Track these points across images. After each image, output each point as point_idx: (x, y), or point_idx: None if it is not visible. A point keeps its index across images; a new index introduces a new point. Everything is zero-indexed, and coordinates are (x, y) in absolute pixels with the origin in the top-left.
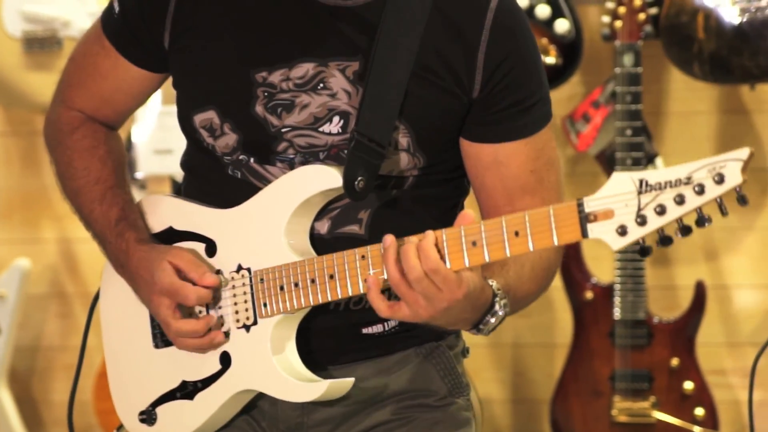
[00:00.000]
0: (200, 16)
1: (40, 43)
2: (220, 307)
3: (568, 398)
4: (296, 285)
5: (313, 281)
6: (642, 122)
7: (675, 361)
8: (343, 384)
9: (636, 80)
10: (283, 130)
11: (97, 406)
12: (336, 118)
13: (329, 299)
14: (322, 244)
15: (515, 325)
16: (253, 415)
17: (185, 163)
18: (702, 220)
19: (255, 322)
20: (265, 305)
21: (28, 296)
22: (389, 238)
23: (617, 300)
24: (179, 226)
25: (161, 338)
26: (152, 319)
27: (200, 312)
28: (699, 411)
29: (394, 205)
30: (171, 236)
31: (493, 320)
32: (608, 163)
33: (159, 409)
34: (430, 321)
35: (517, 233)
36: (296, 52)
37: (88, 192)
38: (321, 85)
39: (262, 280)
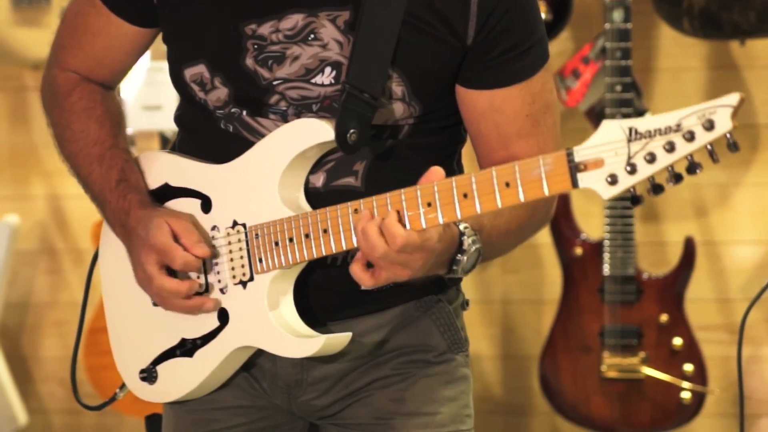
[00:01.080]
0: None
1: None
2: (216, 264)
3: (557, 354)
4: (291, 240)
5: (307, 236)
6: (631, 78)
7: (664, 317)
8: (341, 339)
9: (626, 36)
10: (275, 82)
11: (87, 362)
12: (328, 69)
13: (323, 254)
14: (317, 197)
15: (505, 281)
16: (252, 373)
17: (178, 118)
18: (693, 167)
19: (251, 278)
20: (260, 261)
21: (18, 253)
22: (359, 224)
23: (606, 256)
24: (175, 183)
25: None
26: None
27: (198, 277)
28: (688, 367)
29: (390, 155)
30: (167, 192)
31: (464, 258)
32: (597, 119)
33: (159, 367)
34: (410, 279)
35: (507, 184)
36: (285, 3)
37: (86, 154)
38: (311, 35)
39: (257, 235)
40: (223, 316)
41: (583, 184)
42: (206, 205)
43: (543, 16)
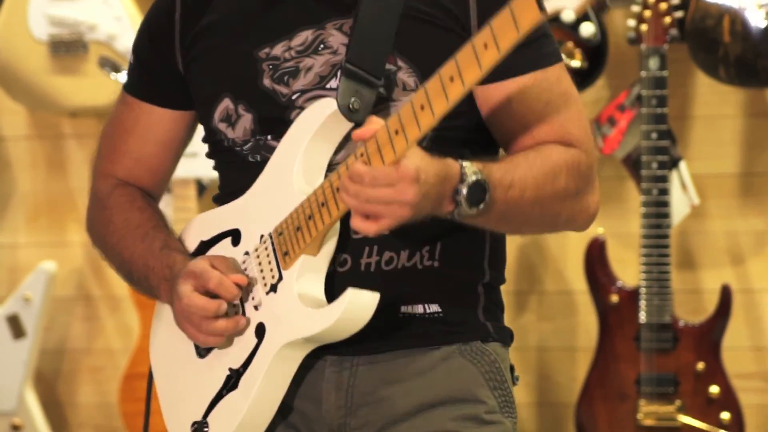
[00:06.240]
0: (201, 24)
1: (66, 47)
2: (250, 287)
3: (593, 402)
4: (310, 217)
5: (323, 204)
6: (667, 126)
7: (701, 365)
8: (367, 296)
9: (662, 84)
10: (294, 96)
11: (123, 408)
12: (340, 72)
13: (339, 210)
14: None
15: (540, 329)
16: (294, 423)
17: (218, 198)
18: None
19: (280, 278)
20: (286, 254)
21: (54, 299)
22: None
23: (643, 303)
24: (206, 237)
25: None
26: None
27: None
28: (725, 415)
29: None
30: (203, 249)
31: (464, 188)
32: (634, 166)
33: (210, 417)
34: (415, 215)
35: (486, 45)
36: (295, 23)
37: (129, 237)
38: (321, 46)
39: (281, 233)
40: (260, 331)
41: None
42: (236, 238)
43: (579, 64)
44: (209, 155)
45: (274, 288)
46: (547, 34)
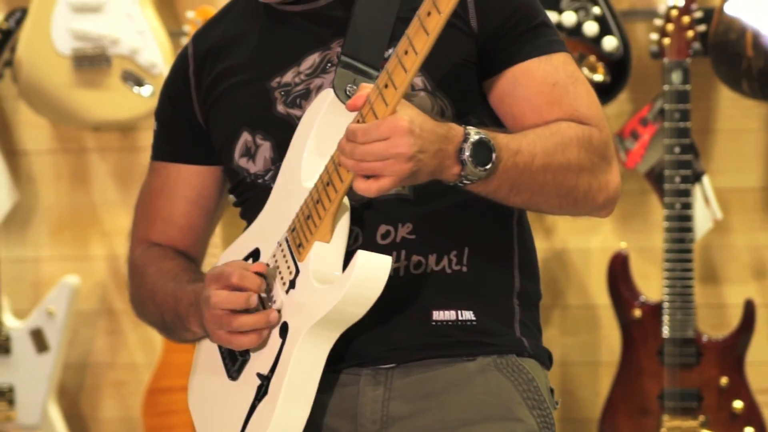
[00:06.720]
0: (214, 73)
1: (89, 61)
2: (271, 293)
3: (616, 417)
4: (318, 201)
5: (328, 183)
6: (690, 140)
7: (724, 380)
8: (380, 258)
9: (684, 98)
10: None
11: (146, 423)
12: (336, 64)
13: (343, 183)
14: (366, 208)
15: (563, 344)
16: None
17: None
18: None
19: (297, 272)
20: (300, 246)
21: (77, 313)
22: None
23: (666, 318)
24: None
25: (232, 366)
26: (221, 352)
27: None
28: (749, 430)
29: None
30: None
31: (467, 146)
32: (657, 180)
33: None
34: (416, 171)
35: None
36: (302, 50)
37: (160, 282)
38: (329, 64)
39: (293, 229)
40: (284, 330)
41: None
42: (256, 257)
43: (601, 78)
44: (236, 204)
45: (292, 284)
46: (546, 24)
